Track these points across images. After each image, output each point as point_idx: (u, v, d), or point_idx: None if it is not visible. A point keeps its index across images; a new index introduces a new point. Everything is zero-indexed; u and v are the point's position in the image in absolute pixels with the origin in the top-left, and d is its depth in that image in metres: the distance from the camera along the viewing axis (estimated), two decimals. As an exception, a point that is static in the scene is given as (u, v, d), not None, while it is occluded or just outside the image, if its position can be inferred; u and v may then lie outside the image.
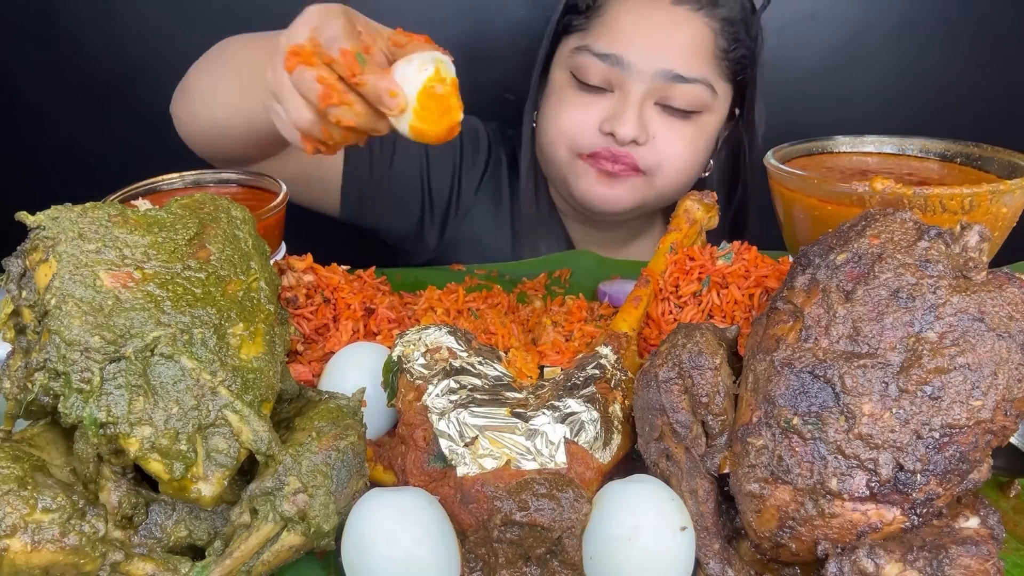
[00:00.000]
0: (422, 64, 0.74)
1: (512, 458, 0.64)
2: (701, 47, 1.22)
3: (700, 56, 1.22)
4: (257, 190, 1.02)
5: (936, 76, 1.83)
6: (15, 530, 0.53)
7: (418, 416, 0.68)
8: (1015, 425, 0.56)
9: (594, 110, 1.24)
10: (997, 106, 1.83)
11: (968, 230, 0.61)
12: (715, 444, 0.63)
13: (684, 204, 0.96)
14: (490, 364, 0.73)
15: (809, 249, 0.66)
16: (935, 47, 1.81)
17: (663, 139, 1.24)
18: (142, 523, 0.60)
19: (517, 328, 0.94)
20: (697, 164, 1.31)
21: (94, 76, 1.76)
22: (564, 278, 1.17)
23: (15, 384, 0.60)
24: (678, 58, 1.20)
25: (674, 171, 1.27)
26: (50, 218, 0.64)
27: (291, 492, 0.59)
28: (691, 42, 1.22)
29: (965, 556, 0.54)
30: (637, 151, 1.24)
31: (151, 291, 0.61)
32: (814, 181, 0.85)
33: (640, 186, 1.28)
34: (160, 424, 0.57)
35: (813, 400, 0.58)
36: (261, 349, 0.64)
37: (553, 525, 0.60)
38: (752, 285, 0.85)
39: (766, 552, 0.62)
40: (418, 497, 0.61)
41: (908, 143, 0.96)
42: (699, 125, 1.27)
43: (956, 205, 0.77)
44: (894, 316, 0.58)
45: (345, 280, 0.92)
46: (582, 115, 1.25)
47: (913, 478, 0.55)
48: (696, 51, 1.22)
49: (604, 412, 0.68)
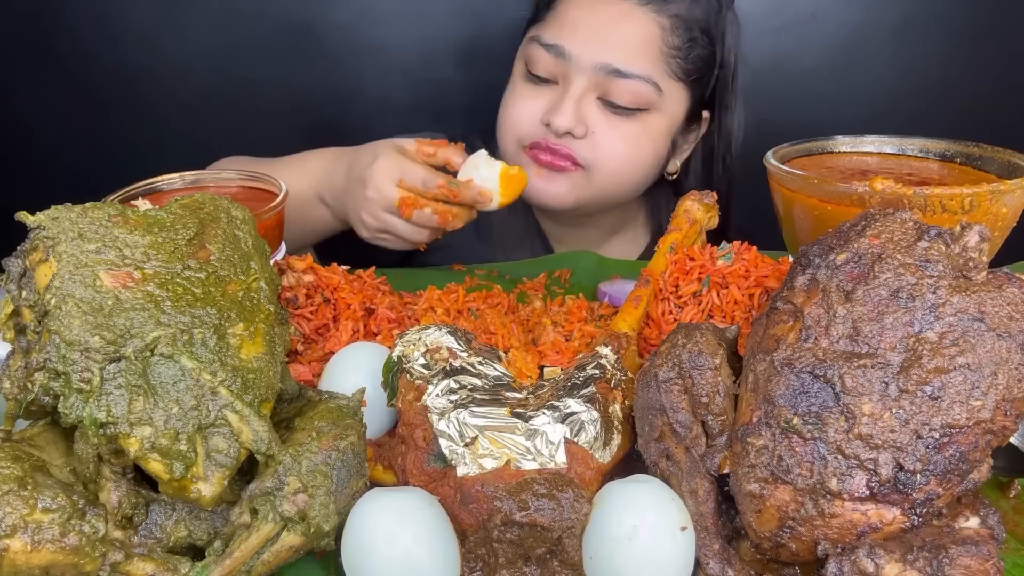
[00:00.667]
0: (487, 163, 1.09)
1: (512, 458, 0.64)
2: (646, 44, 1.20)
3: (644, 53, 1.20)
4: (257, 190, 1.02)
5: (936, 76, 1.83)
6: (15, 530, 0.53)
7: (418, 416, 0.68)
8: (1015, 425, 0.56)
9: (539, 101, 1.25)
10: (997, 106, 1.83)
11: (968, 230, 0.61)
12: (715, 444, 0.63)
13: (684, 204, 0.96)
14: (490, 364, 0.73)
15: (809, 249, 0.66)
16: (935, 47, 1.81)
17: (602, 135, 1.22)
18: (142, 523, 0.60)
19: (517, 328, 0.94)
20: (641, 164, 1.28)
21: (94, 76, 1.76)
22: (564, 278, 1.17)
23: (15, 384, 0.60)
24: (619, 53, 1.19)
25: (612, 169, 1.25)
26: (50, 218, 0.64)
27: (291, 492, 0.59)
28: (635, 38, 1.20)
29: (965, 556, 0.54)
30: (574, 145, 1.23)
31: (151, 291, 0.61)
32: (814, 181, 0.85)
33: (579, 182, 1.26)
34: (160, 424, 0.57)
35: (813, 400, 0.58)
36: (261, 349, 0.64)
37: (553, 525, 0.60)
38: (752, 285, 0.85)
39: (766, 552, 0.62)
40: (418, 497, 0.61)
41: (908, 143, 0.96)
42: (644, 123, 1.25)
43: (956, 205, 0.77)
44: (894, 316, 0.58)
45: (345, 280, 0.92)
46: (528, 106, 1.26)
47: (913, 478, 0.55)
48: (640, 47, 1.20)
49: (604, 412, 0.68)
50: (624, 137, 1.24)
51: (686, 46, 1.22)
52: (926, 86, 1.83)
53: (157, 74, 1.76)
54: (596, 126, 1.22)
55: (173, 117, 1.82)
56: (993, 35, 1.80)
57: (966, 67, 1.82)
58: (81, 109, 1.79)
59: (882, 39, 1.80)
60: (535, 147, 1.25)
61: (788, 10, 1.76)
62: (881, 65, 1.82)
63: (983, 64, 1.82)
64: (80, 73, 1.75)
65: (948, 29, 1.79)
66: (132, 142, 1.81)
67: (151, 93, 1.80)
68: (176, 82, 1.61)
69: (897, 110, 1.84)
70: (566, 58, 1.20)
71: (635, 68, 1.20)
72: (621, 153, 1.24)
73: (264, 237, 0.76)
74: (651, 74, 1.21)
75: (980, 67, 1.82)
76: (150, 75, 1.77)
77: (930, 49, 1.81)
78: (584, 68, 1.20)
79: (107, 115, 1.80)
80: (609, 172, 1.25)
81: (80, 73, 1.75)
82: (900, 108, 1.84)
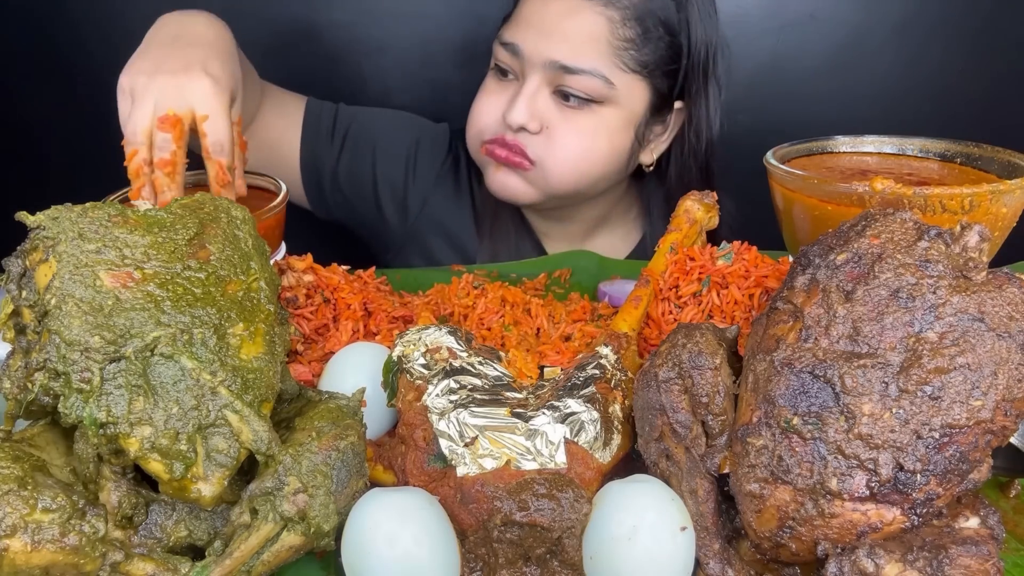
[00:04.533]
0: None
1: (512, 458, 0.64)
2: (593, 38, 1.20)
3: (591, 47, 1.20)
4: (257, 190, 1.02)
5: (936, 76, 1.83)
6: (15, 530, 0.53)
7: (418, 416, 0.68)
8: (1015, 425, 0.56)
9: (501, 98, 1.27)
10: (997, 106, 1.83)
11: (968, 230, 0.61)
12: (715, 444, 0.63)
13: (684, 204, 0.96)
14: (490, 364, 0.73)
15: (809, 249, 0.66)
16: (935, 47, 1.81)
17: (555, 129, 1.24)
18: (142, 523, 0.60)
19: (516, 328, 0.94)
20: (597, 157, 1.28)
21: (94, 76, 1.76)
22: (564, 278, 1.17)
23: (15, 384, 0.60)
24: (565, 48, 1.20)
25: (566, 164, 1.26)
26: (50, 218, 0.64)
27: (291, 492, 0.59)
28: (582, 32, 1.20)
29: (965, 556, 0.54)
30: (528, 141, 1.25)
31: (151, 291, 0.61)
32: (814, 181, 0.85)
33: (535, 178, 1.28)
34: (160, 424, 0.57)
35: (813, 400, 0.58)
36: (261, 349, 0.64)
37: (553, 525, 0.60)
38: (752, 285, 0.85)
39: (766, 552, 0.62)
40: (418, 497, 0.61)
41: (908, 143, 0.96)
42: (599, 117, 1.25)
43: (956, 205, 0.77)
44: (894, 316, 0.58)
45: (345, 280, 0.92)
46: (490, 103, 1.28)
47: (913, 478, 0.55)
48: (586, 42, 1.20)
49: (604, 412, 0.68)
50: (579, 131, 1.25)
51: (640, 38, 1.22)
52: (926, 86, 1.83)
53: (157, 74, 1.76)
54: (551, 121, 1.24)
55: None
56: (993, 35, 1.80)
57: (966, 67, 1.82)
58: (81, 109, 1.78)
59: (882, 39, 1.80)
60: (492, 143, 1.28)
61: (788, 10, 1.76)
62: (881, 65, 1.82)
63: (983, 64, 1.82)
64: (80, 73, 1.75)
65: (948, 29, 1.79)
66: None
67: (151, 93, 1.79)
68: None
69: (897, 110, 1.84)
70: (520, 56, 1.23)
71: (582, 63, 1.20)
72: (574, 147, 1.25)
73: (264, 237, 0.76)
74: (599, 68, 1.21)
75: (980, 67, 1.82)
76: (150, 75, 1.77)
77: (930, 49, 1.81)
78: (535, 65, 1.22)
79: (107, 115, 1.80)
80: (562, 167, 1.26)
81: (80, 73, 1.75)
82: (900, 108, 1.84)
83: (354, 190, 1.43)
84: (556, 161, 1.25)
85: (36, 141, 1.88)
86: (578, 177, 1.28)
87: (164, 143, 0.89)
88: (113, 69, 0.96)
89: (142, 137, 0.90)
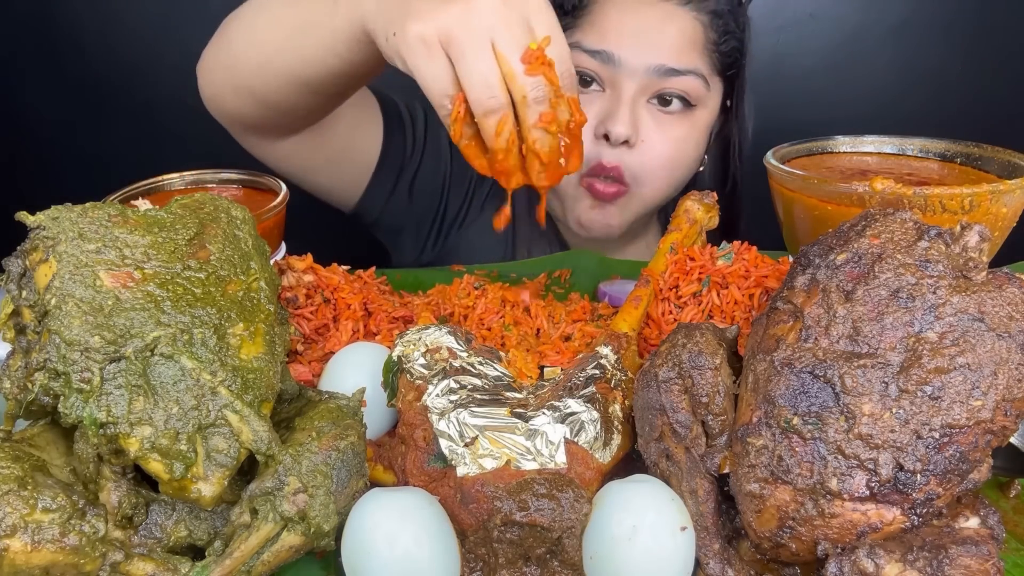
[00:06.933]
0: None
1: (512, 458, 0.64)
2: (692, 41, 1.22)
3: (691, 50, 1.22)
4: (257, 190, 1.02)
5: (935, 76, 1.83)
6: (15, 530, 0.53)
7: (418, 416, 0.68)
8: (1015, 425, 0.56)
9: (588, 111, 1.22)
10: (997, 106, 1.83)
11: (968, 230, 0.61)
12: (715, 444, 0.63)
13: (684, 204, 0.96)
14: (490, 364, 0.73)
15: (809, 249, 0.66)
16: (934, 47, 1.81)
17: (650, 140, 1.23)
18: (142, 523, 0.60)
19: (516, 328, 0.94)
20: (684, 164, 1.29)
21: (94, 75, 1.76)
22: (564, 278, 1.17)
23: (15, 384, 0.60)
24: (670, 52, 1.20)
25: (657, 177, 1.26)
26: (50, 218, 0.64)
27: (291, 492, 0.59)
28: (681, 36, 1.21)
29: (965, 556, 0.54)
30: (624, 159, 1.23)
31: (151, 291, 0.61)
32: (814, 181, 0.85)
33: (628, 204, 1.28)
34: (160, 424, 0.57)
35: (813, 400, 0.58)
36: (261, 349, 0.64)
37: (553, 525, 0.60)
38: (752, 285, 0.85)
39: (766, 552, 0.62)
40: (418, 497, 0.61)
41: (908, 143, 0.96)
42: (692, 121, 1.26)
43: (956, 205, 0.77)
44: (894, 316, 0.58)
45: (345, 280, 0.92)
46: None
47: (913, 478, 0.55)
48: (687, 45, 1.22)
49: (604, 412, 0.68)
50: (672, 140, 1.25)
51: (723, 40, 1.24)
52: (926, 86, 1.84)
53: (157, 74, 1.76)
54: (646, 132, 1.23)
55: (173, 117, 1.82)
56: (993, 35, 1.80)
57: (966, 67, 1.82)
58: (81, 109, 1.78)
59: (882, 39, 1.80)
60: (592, 175, 1.24)
61: (788, 10, 1.76)
62: (881, 65, 1.82)
63: (983, 64, 1.82)
64: (80, 73, 1.75)
65: (948, 29, 1.79)
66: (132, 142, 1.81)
67: (151, 93, 1.80)
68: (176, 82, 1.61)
69: (897, 110, 1.84)
70: (614, 63, 1.20)
71: (686, 64, 1.21)
72: (668, 157, 1.25)
73: (264, 237, 0.76)
74: (700, 68, 1.22)
75: (980, 67, 1.82)
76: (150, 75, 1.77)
77: (930, 49, 1.81)
78: (634, 72, 1.20)
79: (107, 115, 1.80)
80: (656, 180, 1.26)
81: (80, 73, 1.75)
82: (900, 108, 1.84)
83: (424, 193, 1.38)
84: (649, 172, 1.25)
85: (36, 141, 1.88)
86: (667, 187, 1.29)
87: (538, 89, 0.67)
88: (113, 69, 0.96)
89: (500, 92, 0.67)
